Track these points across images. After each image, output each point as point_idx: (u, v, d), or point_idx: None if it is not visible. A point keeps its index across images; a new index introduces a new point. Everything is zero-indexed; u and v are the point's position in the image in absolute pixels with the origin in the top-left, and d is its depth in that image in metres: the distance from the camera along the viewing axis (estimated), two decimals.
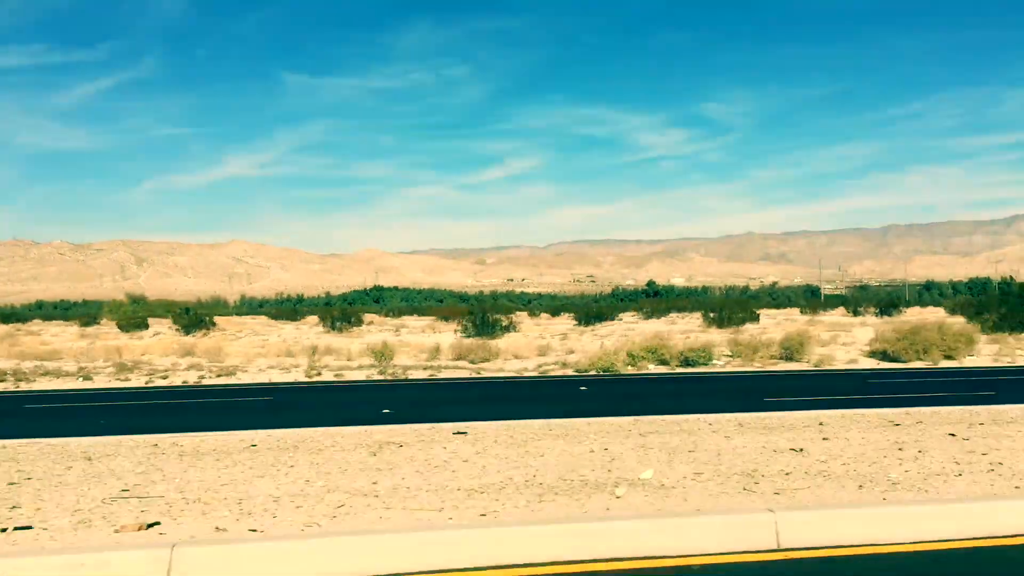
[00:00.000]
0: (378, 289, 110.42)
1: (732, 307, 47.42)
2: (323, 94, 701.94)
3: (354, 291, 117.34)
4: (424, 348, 27.12)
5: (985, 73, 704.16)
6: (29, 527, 6.90)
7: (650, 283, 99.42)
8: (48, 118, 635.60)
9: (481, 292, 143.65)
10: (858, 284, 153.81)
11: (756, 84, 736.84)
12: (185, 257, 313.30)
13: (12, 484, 8.57)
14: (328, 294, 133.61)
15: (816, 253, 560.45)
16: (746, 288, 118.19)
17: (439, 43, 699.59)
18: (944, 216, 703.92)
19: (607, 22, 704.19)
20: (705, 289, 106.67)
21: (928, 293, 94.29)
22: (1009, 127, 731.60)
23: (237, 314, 68.77)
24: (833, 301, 77.59)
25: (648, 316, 57.84)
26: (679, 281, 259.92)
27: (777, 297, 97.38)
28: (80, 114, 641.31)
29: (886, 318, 50.96)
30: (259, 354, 28.10)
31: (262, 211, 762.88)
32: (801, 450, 9.74)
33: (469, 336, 32.84)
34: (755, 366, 23.55)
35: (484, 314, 36.88)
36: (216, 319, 47.77)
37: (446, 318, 51.86)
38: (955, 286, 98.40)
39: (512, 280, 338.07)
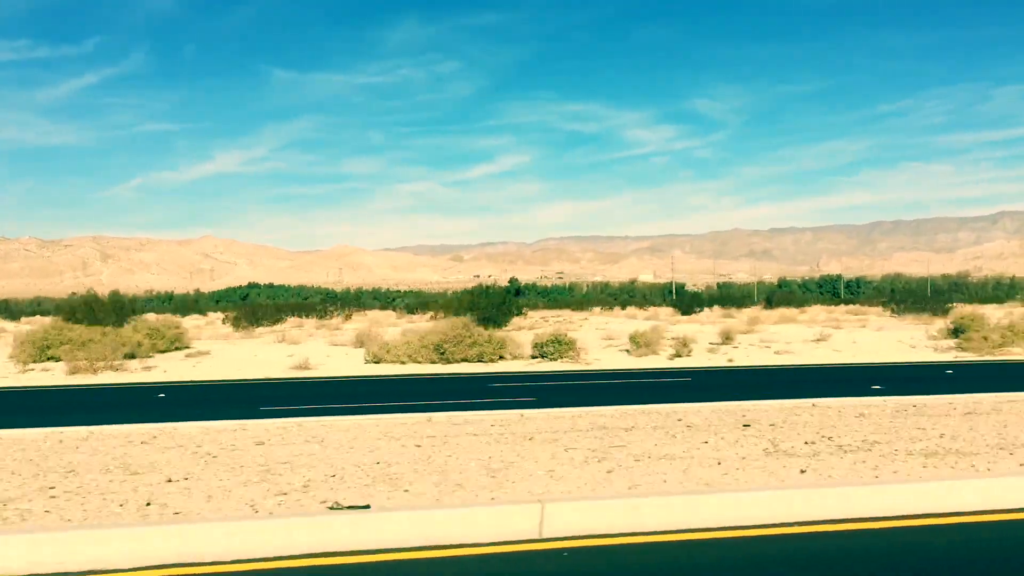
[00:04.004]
0: (251, 286, 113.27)
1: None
2: (311, 90, 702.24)
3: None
4: None
5: (974, 70, 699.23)
6: None
7: (512, 280, 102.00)
8: (33, 113, 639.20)
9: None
10: (724, 281, 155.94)
11: (746, 80, 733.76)
12: (153, 253, 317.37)
13: None
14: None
15: (801, 250, 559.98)
16: (608, 285, 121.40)
17: (428, 39, 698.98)
18: (932, 213, 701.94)
19: (596, 17, 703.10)
20: (571, 288, 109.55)
21: (779, 290, 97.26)
22: (998, 124, 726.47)
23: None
24: (702, 301, 76.85)
25: None
26: (647, 278, 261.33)
27: (634, 296, 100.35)
28: (65, 109, 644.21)
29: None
30: None
31: (247, 208, 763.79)
32: None
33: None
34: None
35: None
36: None
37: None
38: (805, 285, 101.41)
39: (478, 276, 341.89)
